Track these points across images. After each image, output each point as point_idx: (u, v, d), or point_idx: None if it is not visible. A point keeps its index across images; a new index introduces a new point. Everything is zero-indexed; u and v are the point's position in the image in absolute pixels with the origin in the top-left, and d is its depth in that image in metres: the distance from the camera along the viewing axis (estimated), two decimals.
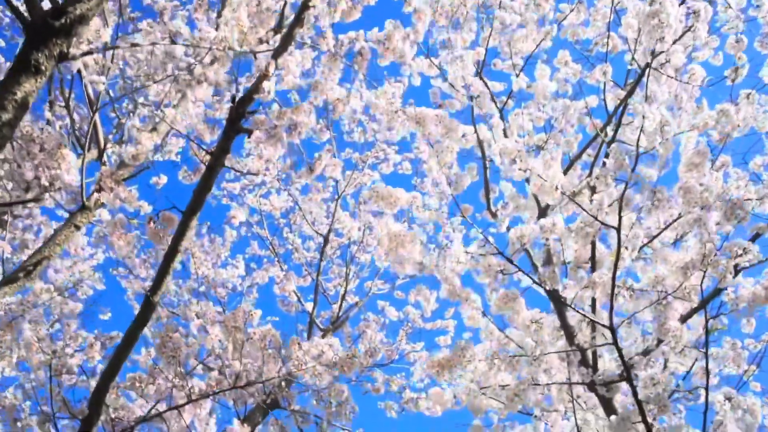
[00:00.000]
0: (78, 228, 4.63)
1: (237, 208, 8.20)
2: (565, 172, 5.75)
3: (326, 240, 7.64)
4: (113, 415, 3.74)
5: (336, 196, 7.94)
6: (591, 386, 4.59)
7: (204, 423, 3.96)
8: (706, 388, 4.26)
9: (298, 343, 3.82)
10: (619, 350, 4.03)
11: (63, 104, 5.63)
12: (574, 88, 6.48)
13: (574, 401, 5.70)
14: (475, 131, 4.60)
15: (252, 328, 3.83)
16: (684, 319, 4.48)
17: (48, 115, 5.89)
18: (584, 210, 4.13)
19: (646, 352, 4.69)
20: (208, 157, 3.83)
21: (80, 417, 3.57)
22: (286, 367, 3.87)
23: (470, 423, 6.65)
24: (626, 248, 4.36)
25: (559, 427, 5.55)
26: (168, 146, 5.87)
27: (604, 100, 5.95)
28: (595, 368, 5.24)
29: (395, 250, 4.37)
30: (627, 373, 4.00)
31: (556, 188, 4.06)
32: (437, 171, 4.21)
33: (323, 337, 7.24)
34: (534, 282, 4.19)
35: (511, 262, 4.14)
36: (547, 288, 4.26)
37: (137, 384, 3.82)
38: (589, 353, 5.35)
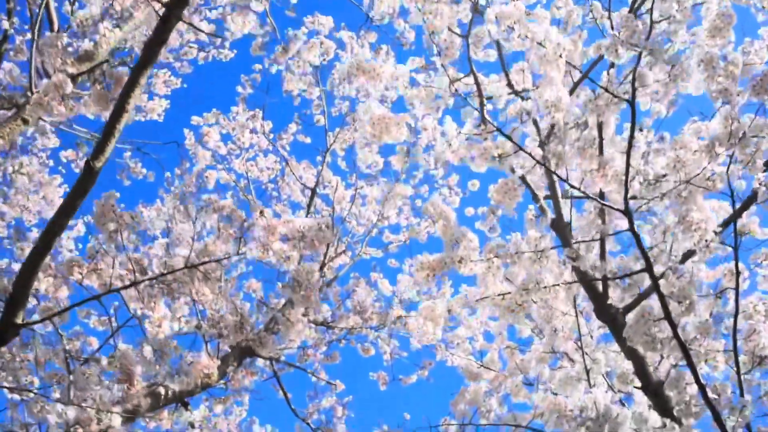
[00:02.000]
0: (26, 122, 4.10)
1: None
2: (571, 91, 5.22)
3: (313, 193, 7.10)
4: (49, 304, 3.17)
5: (324, 150, 7.44)
6: (604, 282, 3.99)
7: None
8: (736, 290, 3.67)
9: (261, 211, 3.26)
10: (637, 237, 3.45)
11: None
12: None
13: (582, 346, 5.10)
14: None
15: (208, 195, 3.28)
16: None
17: None
18: (594, 82, 3.61)
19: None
20: (162, 9, 3.31)
21: (4, 294, 2.99)
22: (246, 243, 3.28)
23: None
24: (641, 129, 3.83)
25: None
26: None
27: None
28: (605, 294, 4.65)
29: (380, 135, 3.84)
30: (647, 264, 3.41)
31: (560, 55, 3.54)
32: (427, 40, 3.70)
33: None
34: (537, 162, 3.62)
35: (510, 140, 3.59)
36: (552, 168, 3.69)
37: (76, 270, 3.24)
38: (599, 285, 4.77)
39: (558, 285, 3.68)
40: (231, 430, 7.40)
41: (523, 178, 4.43)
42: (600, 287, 4.70)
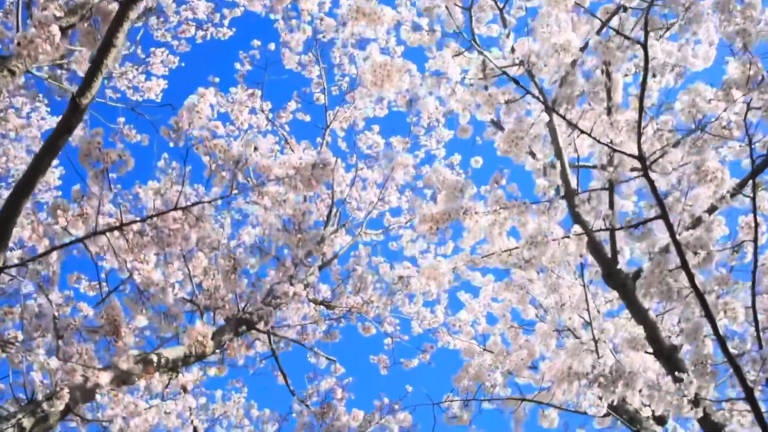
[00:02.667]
0: (13, 73, 3.92)
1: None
2: None
3: None
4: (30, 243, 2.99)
5: (324, 126, 7.26)
6: (613, 246, 3.79)
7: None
8: (755, 243, 3.48)
9: (255, 147, 3.07)
10: (651, 182, 3.26)
11: None
12: None
13: (590, 318, 4.91)
14: None
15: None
16: None
17: None
18: (604, 23, 3.43)
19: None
20: None
21: None
22: (243, 179, 3.09)
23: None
24: (654, 75, 3.65)
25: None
26: None
27: None
28: (614, 259, 4.46)
29: (381, 83, 3.66)
30: (662, 209, 3.22)
31: None
32: None
33: (309, 275, 6.46)
34: (547, 108, 3.44)
35: (517, 83, 3.42)
36: (562, 113, 3.50)
37: (60, 215, 3.06)
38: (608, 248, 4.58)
39: (567, 237, 3.49)
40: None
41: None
42: (609, 252, 4.52)
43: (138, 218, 3.01)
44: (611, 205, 3.66)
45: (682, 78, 5.00)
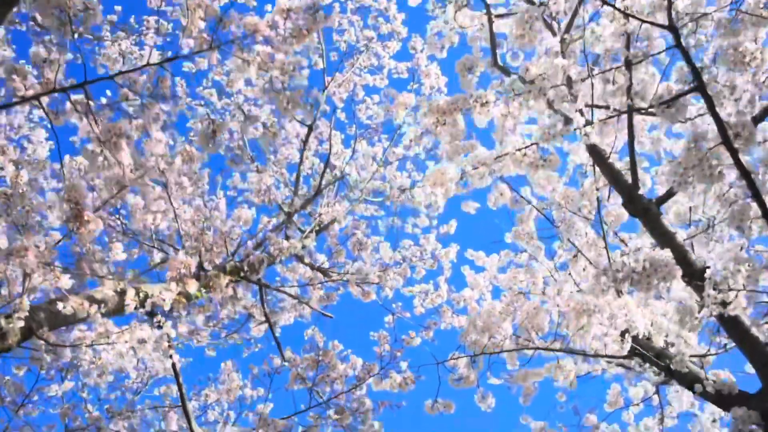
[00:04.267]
0: None
1: None
2: None
3: (310, 130, 6.51)
4: None
5: (323, 89, 6.87)
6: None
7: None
8: None
9: None
10: (686, 53, 2.86)
11: None
12: None
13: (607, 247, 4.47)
14: None
15: None
16: None
17: None
18: None
19: None
20: None
21: None
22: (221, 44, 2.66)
23: None
24: None
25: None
26: None
27: None
28: (635, 184, 4.04)
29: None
30: (698, 81, 2.81)
31: None
32: None
33: (305, 239, 6.02)
34: None
35: None
36: None
37: (16, 80, 2.65)
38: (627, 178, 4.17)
39: (590, 124, 3.07)
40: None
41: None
42: (630, 178, 4.11)
43: (104, 76, 2.60)
44: (629, 91, 3.23)
45: None
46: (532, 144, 3.20)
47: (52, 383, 5.70)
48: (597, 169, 4.49)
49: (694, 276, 3.62)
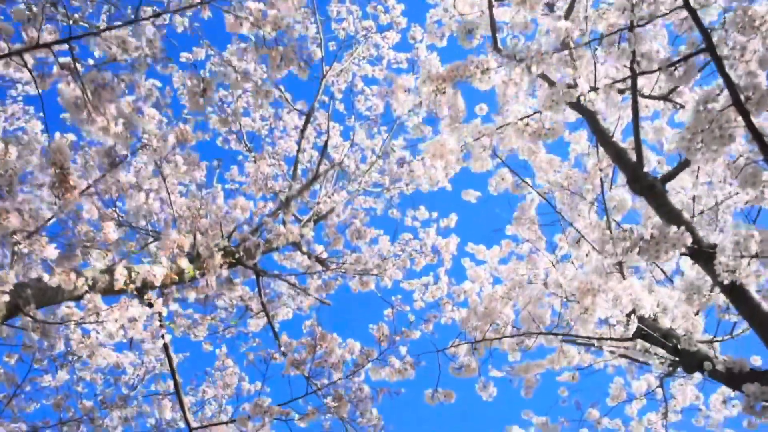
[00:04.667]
0: None
1: None
2: None
3: (308, 118, 6.41)
4: None
5: (321, 76, 6.77)
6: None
7: None
8: None
9: None
10: (693, 13, 2.75)
11: None
12: None
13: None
14: None
15: None
16: None
17: None
18: None
19: None
20: None
21: None
22: None
23: None
24: None
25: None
26: None
27: None
28: (640, 162, 3.92)
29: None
30: (708, 42, 2.70)
31: None
32: None
33: (303, 227, 5.90)
34: None
35: None
36: None
37: None
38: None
39: (594, 90, 2.95)
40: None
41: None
42: (634, 156, 3.99)
43: (92, 31, 2.48)
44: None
45: None
46: (534, 113, 3.09)
47: (47, 373, 5.58)
48: (600, 150, 4.38)
49: (702, 254, 3.50)
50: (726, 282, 2.94)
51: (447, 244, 7.22)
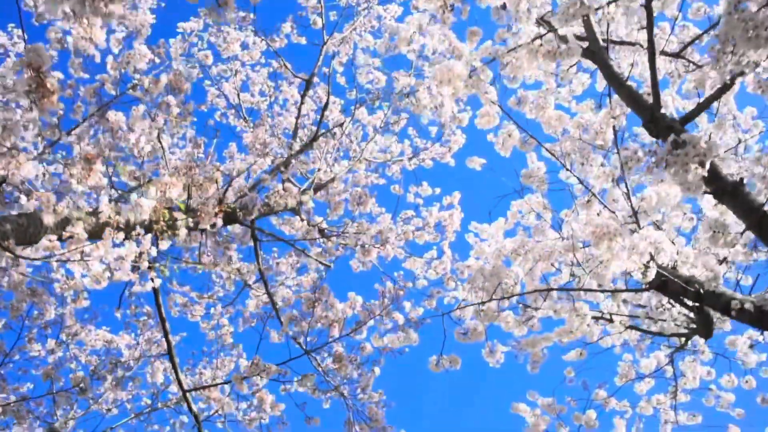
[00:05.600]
0: None
1: None
2: None
3: (308, 84, 6.17)
4: None
5: (323, 43, 6.54)
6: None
7: None
8: None
9: None
10: None
11: None
12: None
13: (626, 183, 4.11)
14: None
15: None
16: None
17: None
18: None
19: None
20: None
21: None
22: None
23: None
24: None
25: None
26: None
27: None
28: (657, 103, 3.68)
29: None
30: None
31: None
32: None
33: (303, 194, 5.66)
34: None
35: None
36: None
37: None
38: None
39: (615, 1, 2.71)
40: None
41: None
42: (650, 99, 3.75)
43: None
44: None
45: None
46: (548, 31, 2.86)
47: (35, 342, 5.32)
48: (614, 97, 4.14)
49: (726, 192, 3.26)
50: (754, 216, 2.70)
51: (451, 216, 6.98)
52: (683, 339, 5.86)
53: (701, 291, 3.30)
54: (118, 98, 3.64)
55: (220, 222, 3.86)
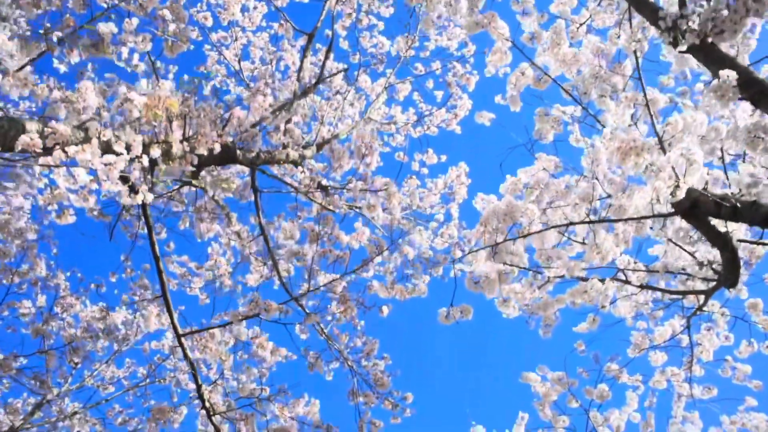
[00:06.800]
0: None
1: None
2: None
3: (310, 38, 5.90)
4: None
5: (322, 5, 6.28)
6: None
7: None
8: None
9: None
10: None
11: None
12: None
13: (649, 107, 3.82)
14: None
15: None
16: None
17: None
18: None
19: None
20: None
21: None
22: None
23: None
24: None
25: None
26: None
27: None
28: (684, 15, 3.40)
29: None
30: None
31: None
32: None
33: (305, 149, 5.37)
34: None
35: None
36: None
37: None
38: None
39: None
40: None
41: None
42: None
43: None
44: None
45: None
46: None
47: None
48: (635, 20, 3.87)
49: (764, 94, 2.98)
50: None
51: (458, 177, 6.70)
52: (702, 298, 5.55)
53: (737, 205, 3.01)
54: (108, 10, 3.36)
55: (218, 147, 3.57)
